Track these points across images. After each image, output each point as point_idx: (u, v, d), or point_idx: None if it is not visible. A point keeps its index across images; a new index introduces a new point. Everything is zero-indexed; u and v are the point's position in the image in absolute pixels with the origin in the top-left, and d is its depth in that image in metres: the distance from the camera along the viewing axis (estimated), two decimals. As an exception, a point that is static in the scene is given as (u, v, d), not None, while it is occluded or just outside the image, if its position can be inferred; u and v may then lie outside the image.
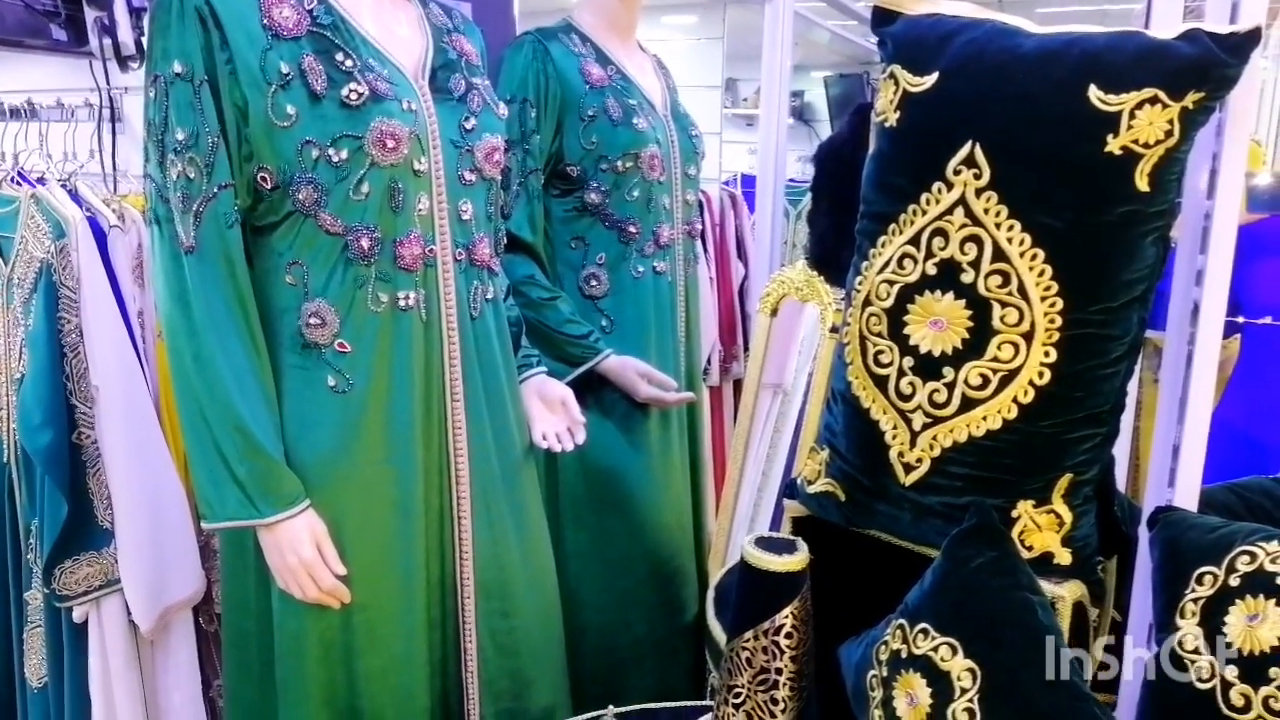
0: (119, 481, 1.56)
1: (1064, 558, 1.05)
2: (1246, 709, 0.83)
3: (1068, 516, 1.05)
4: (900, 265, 1.10)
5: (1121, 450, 1.50)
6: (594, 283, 1.68)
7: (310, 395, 1.21)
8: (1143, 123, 0.97)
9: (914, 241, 1.09)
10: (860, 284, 1.17)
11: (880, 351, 1.13)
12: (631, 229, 1.66)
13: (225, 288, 1.16)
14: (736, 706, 1.10)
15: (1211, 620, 0.89)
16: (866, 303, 1.15)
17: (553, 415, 1.46)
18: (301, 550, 1.18)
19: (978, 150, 1.03)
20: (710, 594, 1.67)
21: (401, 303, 1.21)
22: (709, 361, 2.57)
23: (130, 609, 1.59)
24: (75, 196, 1.61)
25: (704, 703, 1.40)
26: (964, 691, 0.92)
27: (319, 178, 1.15)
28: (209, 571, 1.69)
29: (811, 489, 1.23)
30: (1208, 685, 0.87)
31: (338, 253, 1.19)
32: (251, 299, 1.18)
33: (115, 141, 1.79)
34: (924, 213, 1.08)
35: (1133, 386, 1.26)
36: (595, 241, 1.67)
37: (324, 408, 1.21)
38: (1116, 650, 1.16)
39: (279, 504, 1.17)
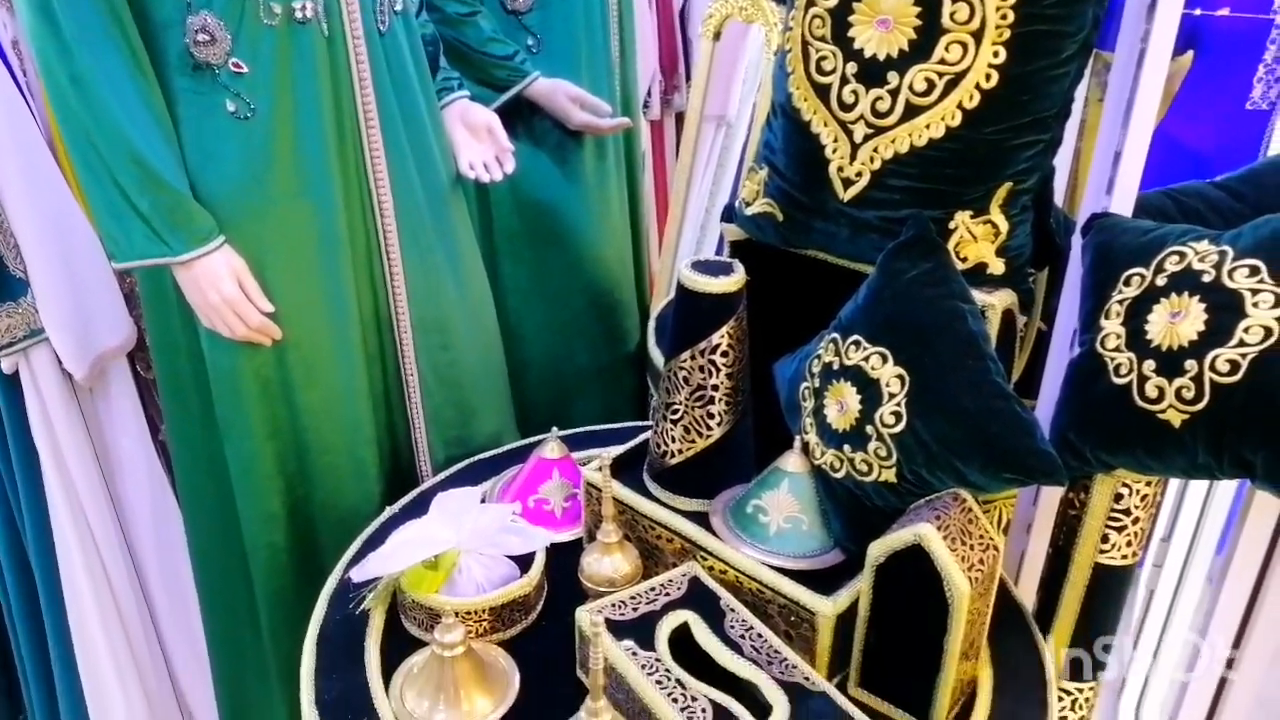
0: (22, 227, 1.47)
1: (997, 267, 1.05)
2: (1159, 399, 0.87)
3: (1004, 226, 1.04)
4: (846, -41, 1.01)
5: (1062, 170, 1.48)
6: (518, -4, 1.54)
7: (209, 123, 1.12)
8: None
9: (861, -70, 0.99)
10: (803, -16, 1.08)
11: (823, 57, 1.06)
12: (556, -68, 1.50)
13: None
14: (675, 422, 1.13)
15: (1135, 319, 0.90)
16: (810, 3, 1.06)
17: (479, 143, 1.38)
18: (222, 287, 1.14)
19: None
20: (651, 324, 1.69)
21: (298, 14, 1.10)
22: (649, 94, 2.45)
23: (60, 359, 1.56)
24: (-88, -98, 1.40)
25: (644, 422, 1.45)
26: (892, 396, 0.95)
27: None
28: (138, 319, 1.65)
29: (749, 210, 1.20)
30: (1124, 380, 0.89)
31: (219, -45, 1.06)
32: (126, 10, 1.06)
33: None
34: (873, -105, 0.98)
35: (1077, 107, 1.22)
36: (517, -53, 1.52)
37: (225, 136, 1.13)
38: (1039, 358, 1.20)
39: (191, 240, 1.11)
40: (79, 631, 1.66)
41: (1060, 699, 1.09)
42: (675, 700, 0.89)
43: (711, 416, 1.11)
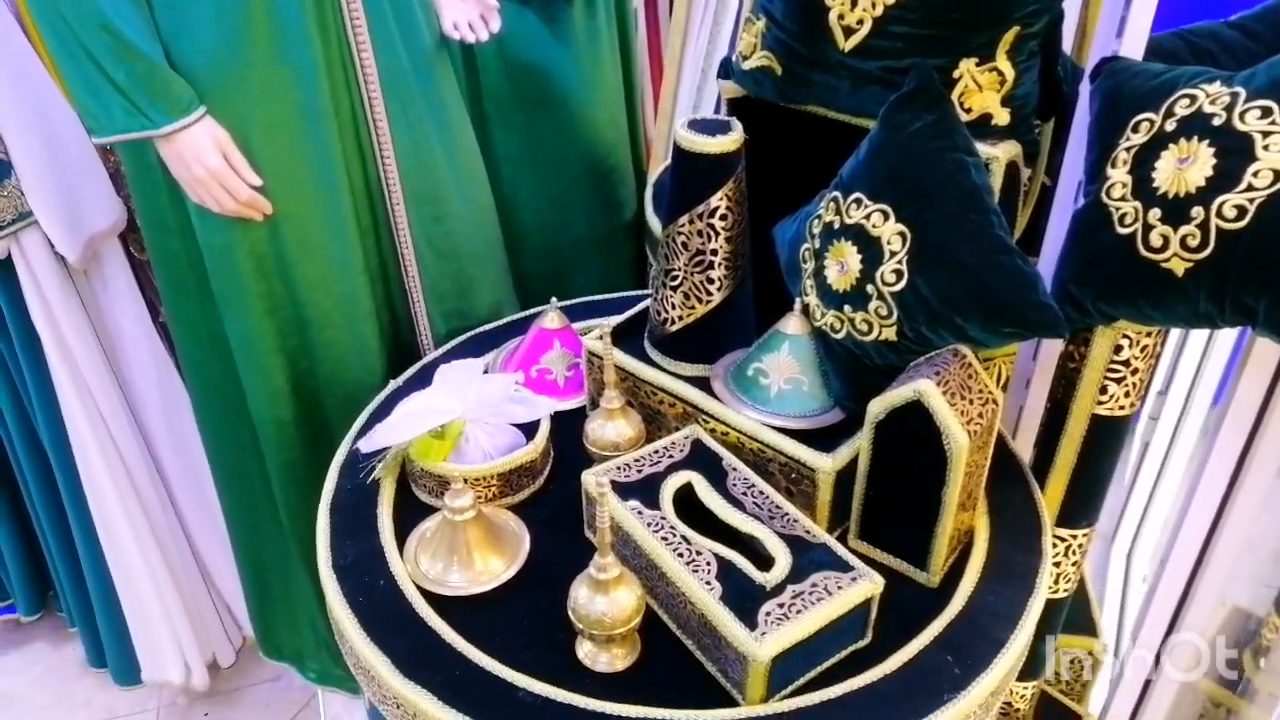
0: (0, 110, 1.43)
1: (1002, 118, 1.02)
2: (1164, 248, 0.86)
3: (1010, 74, 1.00)
4: None
5: (1071, 16, 1.43)
6: None
7: (180, -14, 1.07)
8: None
9: None
10: None
11: (822, -105, 1.00)
12: None
13: None
14: (674, 289, 1.12)
15: (1142, 167, 0.88)
16: None
17: (462, 2, 1.32)
18: (207, 160, 1.11)
19: None
20: (648, 191, 1.66)
21: None
22: (640, -53, 2.33)
23: (52, 242, 1.55)
24: None
25: (644, 291, 1.44)
26: (893, 254, 0.94)
27: None
28: (127, 200, 1.62)
29: (747, 64, 1.16)
30: (1129, 230, 0.88)
31: None
32: None
33: None
34: None
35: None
36: None
37: (197, 1, 1.08)
38: (1042, 215, 1.18)
39: (171, 111, 1.08)
40: (98, 508, 1.71)
41: (1054, 545, 1.12)
42: (680, 555, 0.92)
43: (711, 282, 1.11)
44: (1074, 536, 1.17)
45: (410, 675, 0.89)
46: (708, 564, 0.91)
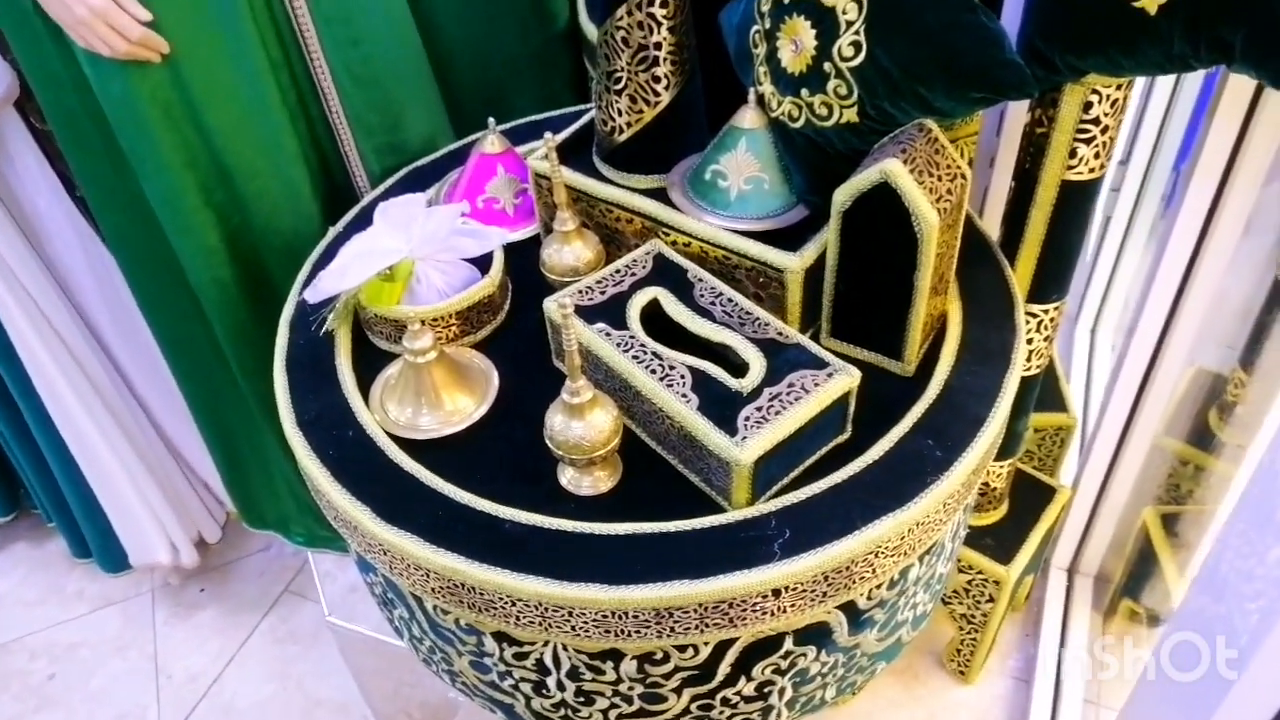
0: None
1: None
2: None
3: None
4: None
5: None
6: None
7: None
8: None
9: None
10: None
11: None
12: None
13: None
14: (619, 92, 1.05)
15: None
16: None
17: None
18: (87, -3, 0.99)
19: None
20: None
21: None
22: None
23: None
24: None
25: (587, 105, 1.36)
26: (850, 25, 0.87)
27: None
28: (14, 64, 1.48)
29: None
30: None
31: None
32: None
33: None
34: None
35: None
36: None
37: None
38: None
39: (34, -60, 0.96)
40: (50, 398, 1.66)
41: (1027, 321, 1.12)
42: (654, 371, 0.90)
43: (658, 80, 1.03)
44: (1045, 311, 1.16)
45: (393, 521, 0.87)
46: (682, 377, 0.89)
